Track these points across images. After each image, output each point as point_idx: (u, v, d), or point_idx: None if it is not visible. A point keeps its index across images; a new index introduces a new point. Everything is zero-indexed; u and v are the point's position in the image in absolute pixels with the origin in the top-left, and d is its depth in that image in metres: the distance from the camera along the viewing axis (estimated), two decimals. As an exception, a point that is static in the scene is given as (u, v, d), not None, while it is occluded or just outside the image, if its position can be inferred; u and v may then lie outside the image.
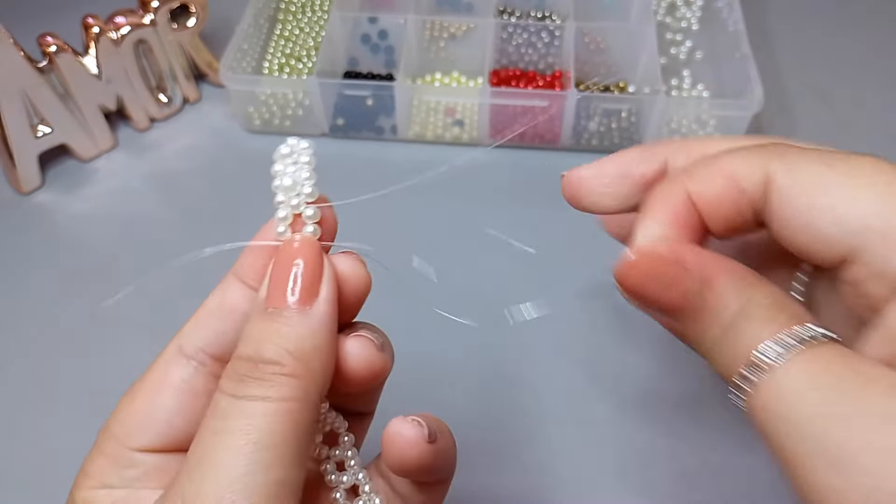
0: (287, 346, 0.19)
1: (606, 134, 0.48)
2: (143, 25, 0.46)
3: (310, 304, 0.20)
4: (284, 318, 0.20)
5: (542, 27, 0.51)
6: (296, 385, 0.19)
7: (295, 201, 0.22)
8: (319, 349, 0.20)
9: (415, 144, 0.50)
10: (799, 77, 0.53)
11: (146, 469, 0.21)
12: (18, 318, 0.41)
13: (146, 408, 0.22)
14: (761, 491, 0.35)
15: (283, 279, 0.20)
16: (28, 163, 0.46)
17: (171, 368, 0.22)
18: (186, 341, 0.22)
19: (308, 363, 0.20)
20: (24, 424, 0.37)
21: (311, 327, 0.20)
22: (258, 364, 0.19)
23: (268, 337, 0.20)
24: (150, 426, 0.21)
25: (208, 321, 0.22)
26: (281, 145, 0.22)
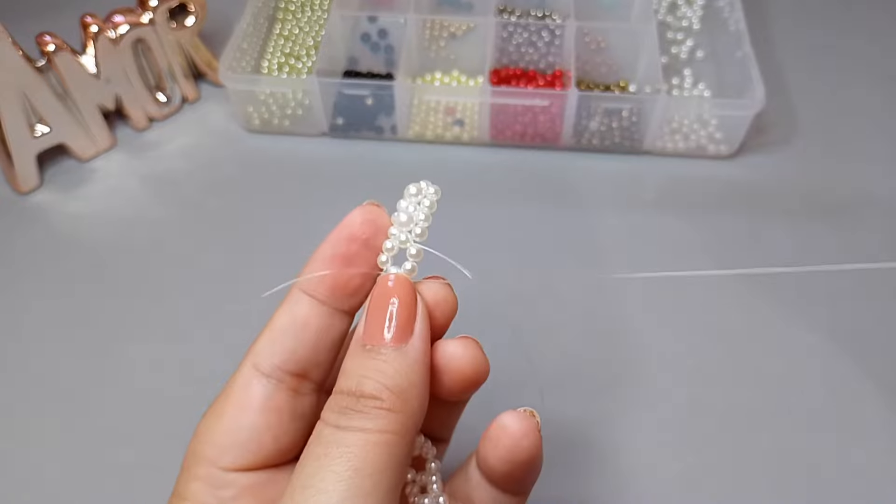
0: (385, 382, 0.20)
1: (607, 133, 0.48)
2: (141, 24, 0.46)
3: (405, 342, 0.21)
4: (382, 356, 0.21)
5: (543, 26, 0.51)
6: (394, 419, 0.20)
7: (404, 237, 0.23)
8: (415, 384, 0.21)
9: (415, 144, 0.49)
10: (800, 76, 0.53)
11: (240, 489, 0.22)
12: (17, 317, 0.41)
13: (233, 427, 0.22)
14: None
15: (379, 317, 0.21)
16: (26, 162, 0.46)
17: (252, 387, 0.23)
18: (262, 359, 0.23)
19: (405, 398, 0.21)
20: (25, 424, 0.37)
21: (408, 364, 0.21)
22: (359, 398, 0.20)
23: (367, 373, 0.21)
24: (240, 445, 0.22)
25: (282, 339, 0.23)
26: (412, 185, 0.24)
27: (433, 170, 0.48)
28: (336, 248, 0.23)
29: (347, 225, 0.23)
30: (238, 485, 0.22)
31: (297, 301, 0.23)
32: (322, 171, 0.48)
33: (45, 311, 0.41)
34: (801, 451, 0.36)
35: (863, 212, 0.45)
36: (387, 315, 0.21)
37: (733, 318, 0.41)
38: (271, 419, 0.22)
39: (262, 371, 0.23)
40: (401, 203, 0.23)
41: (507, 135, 0.48)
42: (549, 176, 0.48)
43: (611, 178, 0.47)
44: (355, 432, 0.20)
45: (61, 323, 0.41)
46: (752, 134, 0.48)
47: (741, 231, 0.45)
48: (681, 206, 0.46)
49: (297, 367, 0.23)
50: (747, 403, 0.38)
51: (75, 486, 0.35)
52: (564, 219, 0.45)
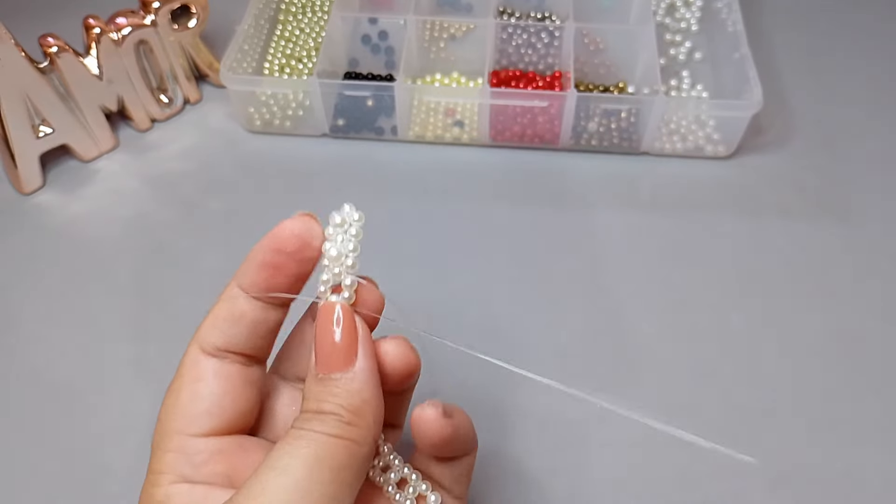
0: (341, 403, 0.23)
1: (606, 134, 0.48)
2: (144, 26, 0.47)
3: (351, 365, 0.23)
4: (333, 381, 0.23)
5: (542, 28, 0.51)
6: (353, 430, 0.23)
7: (336, 270, 0.24)
8: (368, 401, 0.23)
9: (415, 145, 0.50)
10: (798, 77, 0.53)
11: (210, 453, 0.24)
12: (19, 317, 0.41)
13: (194, 398, 0.24)
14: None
15: (325, 347, 0.24)
16: (29, 163, 0.46)
17: (200, 363, 0.25)
18: (205, 343, 0.25)
19: (361, 414, 0.23)
20: (25, 424, 0.38)
21: (357, 385, 0.23)
22: (320, 414, 0.23)
23: (324, 398, 0.23)
24: (204, 412, 0.24)
25: (222, 326, 0.25)
26: (335, 212, 0.25)
27: (433, 170, 0.48)
28: (264, 256, 0.24)
29: (276, 236, 0.25)
30: (208, 449, 0.24)
31: (235, 296, 0.25)
32: (323, 171, 0.48)
33: (47, 310, 0.42)
34: (802, 451, 0.36)
35: (860, 212, 0.46)
36: (332, 345, 0.24)
37: (733, 319, 0.41)
38: (225, 385, 0.25)
39: (207, 352, 0.25)
40: (327, 230, 0.25)
41: (507, 136, 0.49)
42: (548, 176, 0.48)
43: (609, 179, 0.48)
44: (319, 434, 0.22)
45: (62, 322, 0.41)
46: (749, 135, 0.48)
47: (739, 231, 0.45)
48: (679, 207, 0.46)
49: (238, 349, 0.25)
50: (746, 403, 0.38)
51: (74, 486, 0.36)
52: (563, 219, 0.46)
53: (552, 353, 0.40)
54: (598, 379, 0.39)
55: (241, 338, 0.25)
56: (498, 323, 0.41)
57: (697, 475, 0.35)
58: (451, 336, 0.25)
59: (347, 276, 0.24)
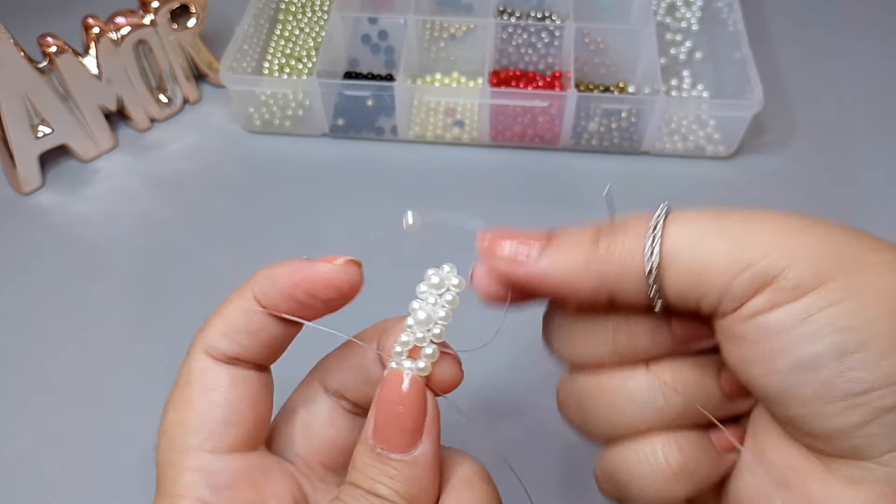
0: (397, 489, 0.21)
1: (606, 134, 0.48)
2: (143, 26, 0.46)
3: (415, 447, 0.21)
4: (392, 462, 0.21)
5: (542, 27, 0.51)
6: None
7: (420, 335, 0.22)
8: (425, 489, 0.21)
9: (415, 145, 0.50)
10: (799, 77, 0.53)
11: (234, 476, 0.22)
12: (19, 317, 0.41)
13: (209, 407, 0.22)
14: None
15: (390, 420, 0.21)
16: (28, 163, 0.46)
17: (210, 370, 0.22)
18: (214, 350, 0.23)
19: (413, 500, 0.21)
20: (25, 424, 0.37)
21: (418, 471, 0.21)
22: (373, 497, 0.21)
23: (378, 477, 0.21)
24: (222, 421, 0.22)
25: (234, 335, 0.23)
26: (434, 270, 0.23)
27: (433, 170, 0.48)
28: (293, 291, 0.22)
29: (311, 279, 0.22)
30: (231, 470, 0.22)
31: (251, 309, 0.23)
32: (323, 171, 0.48)
33: (46, 309, 0.42)
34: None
35: (861, 211, 0.46)
36: (397, 420, 0.21)
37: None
38: (242, 390, 0.22)
39: (216, 358, 0.23)
40: (420, 288, 0.23)
41: (507, 135, 0.49)
42: (549, 176, 0.48)
43: (610, 179, 0.48)
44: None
45: (62, 322, 0.41)
46: (750, 134, 0.48)
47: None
48: (679, 207, 0.46)
49: (249, 359, 0.23)
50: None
51: (76, 486, 0.35)
52: (563, 219, 0.45)
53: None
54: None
55: (254, 350, 0.23)
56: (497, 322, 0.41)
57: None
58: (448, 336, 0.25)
59: (430, 345, 0.22)
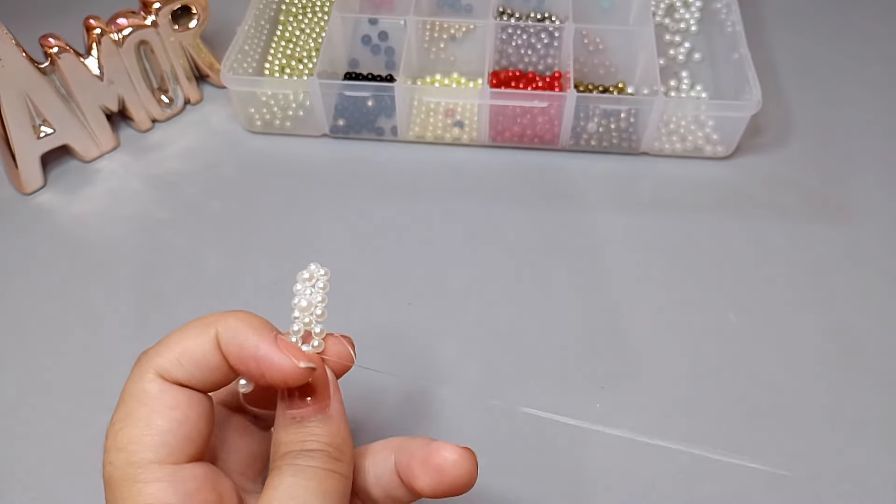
0: (325, 440, 0.24)
1: (605, 134, 0.48)
2: (144, 26, 0.47)
3: (327, 408, 0.25)
4: (313, 423, 0.24)
5: (542, 28, 0.51)
6: (341, 465, 0.24)
7: (307, 319, 0.26)
8: (346, 439, 0.25)
9: (415, 145, 0.50)
10: (797, 78, 0.53)
11: (201, 480, 0.24)
12: (20, 317, 0.42)
13: (171, 425, 0.23)
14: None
15: (300, 394, 0.25)
16: (30, 163, 0.46)
17: (168, 391, 0.24)
18: (166, 374, 0.24)
19: (342, 449, 0.25)
20: (25, 424, 0.38)
21: (335, 424, 0.25)
22: (306, 451, 0.24)
23: (305, 438, 0.24)
24: (185, 438, 0.24)
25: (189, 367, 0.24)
26: (303, 270, 0.26)
27: (433, 170, 0.48)
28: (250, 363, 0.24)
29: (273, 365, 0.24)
30: (198, 476, 0.24)
31: (207, 342, 0.24)
32: (323, 171, 0.49)
33: (47, 310, 0.42)
34: (799, 450, 0.37)
35: (858, 212, 0.46)
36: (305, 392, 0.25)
37: (731, 318, 0.41)
38: (199, 410, 0.24)
39: (168, 380, 0.24)
40: (296, 287, 0.26)
41: (507, 136, 0.49)
42: (548, 176, 0.48)
43: (608, 179, 0.48)
44: (317, 468, 0.24)
45: (63, 322, 0.41)
46: (748, 135, 0.48)
47: (738, 231, 0.45)
48: (678, 207, 0.46)
49: (198, 388, 0.25)
50: (744, 402, 0.38)
51: (75, 486, 0.36)
52: (563, 219, 0.46)
53: (551, 353, 0.40)
54: (597, 378, 0.39)
55: (204, 383, 0.24)
56: (497, 322, 0.41)
57: (697, 474, 0.36)
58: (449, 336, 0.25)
59: (317, 324, 0.26)
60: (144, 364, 0.24)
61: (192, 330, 0.25)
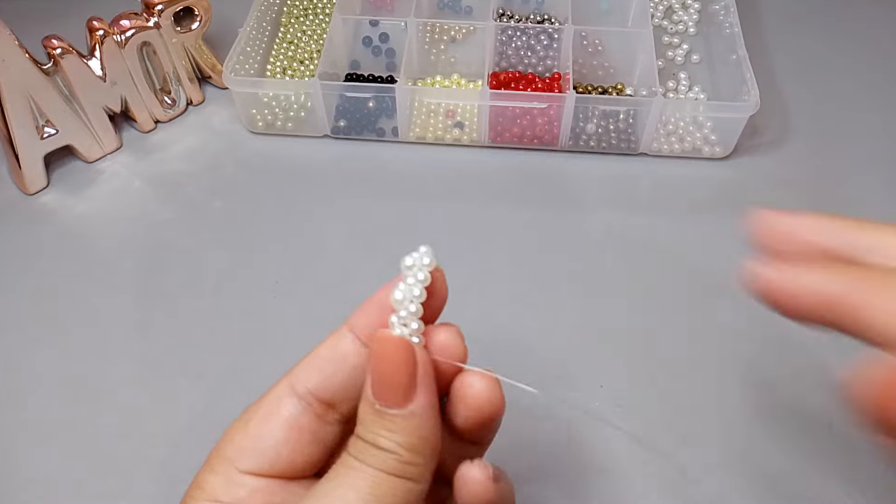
0: (398, 441, 0.22)
1: (604, 135, 0.49)
2: (147, 28, 0.47)
3: (411, 402, 0.22)
4: (390, 416, 0.22)
5: (541, 30, 0.52)
6: (410, 469, 0.22)
7: (403, 313, 0.24)
8: (425, 438, 0.23)
9: (416, 146, 0.50)
10: (795, 79, 0.54)
11: (252, 490, 0.23)
12: (22, 317, 0.42)
13: (257, 435, 0.24)
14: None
15: (383, 378, 0.23)
16: (33, 164, 0.46)
17: (282, 403, 0.24)
18: (298, 381, 0.24)
19: (417, 451, 0.22)
20: (26, 424, 0.38)
21: (416, 423, 0.22)
22: (376, 447, 0.22)
23: (379, 431, 0.22)
24: (260, 452, 0.24)
25: (320, 365, 0.24)
26: (407, 256, 0.24)
27: (433, 171, 0.49)
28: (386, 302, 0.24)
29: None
30: (251, 486, 0.23)
31: (342, 336, 0.24)
32: (324, 172, 0.49)
33: (51, 309, 0.42)
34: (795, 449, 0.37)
35: (857, 213, 0.46)
36: (390, 377, 0.22)
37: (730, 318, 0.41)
38: (293, 436, 0.24)
39: (297, 392, 0.24)
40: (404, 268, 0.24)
41: (506, 137, 0.49)
42: (547, 177, 0.48)
43: (607, 180, 0.48)
44: (377, 470, 0.22)
45: (66, 322, 0.41)
46: (746, 136, 0.49)
47: (735, 232, 0.45)
48: (676, 208, 0.47)
49: (328, 394, 0.24)
50: (742, 402, 0.38)
51: (75, 484, 0.36)
52: (562, 220, 0.46)
53: (550, 352, 0.40)
54: (597, 377, 0.39)
55: (336, 382, 0.24)
56: (497, 322, 0.41)
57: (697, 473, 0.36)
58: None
59: (414, 320, 0.24)
60: (291, 370, 0.25)
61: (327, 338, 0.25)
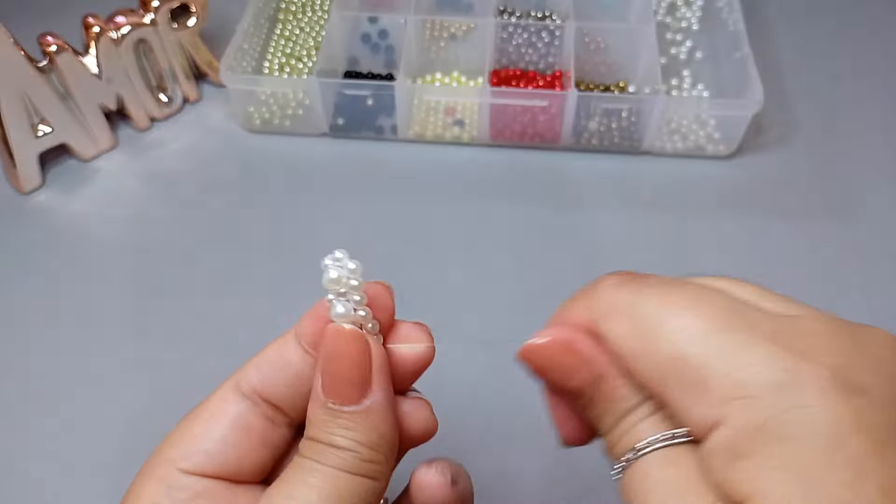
0: (357, 438, 0.21)
1: (606, 134, 0.48)
2: (143, 25, 0.46)
3: (365, 398, 0.21)
4: (346, 415, 0.21)
5: (543, 27, 0.51)
6: (370, 468, 0.21)
7: (344, 289, 0.22)
8: (385, 435, 0.22)
9: (415, 144, 0.50)
10: (799, 77, 0.53)
11: (195, 492, 0.22)
12: (18, 317, 0.41)
13: (203, 434, 0.23)
14: None
15: (335, 374, 0.21)
16: (28, 162, 0.46)
17: (228, 402, 0.23)
18: (244, 380, 0.23)
19: (378, 449, 0.21)
20: (25, 424, 0.38)
21: (372, 420, 0.21)
22: (332, 447, 0.21)
23: (334, 430, 0.21)
24: (204, 452, 0.22)
25: (265, 368, 0.23)
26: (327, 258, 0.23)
27: (433, 170, 0.48)
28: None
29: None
30: (194, 488, 0.22)
31: (287, 342, 0.23)
32: (322, 170, 0.48)
33: (46, 309, 0.42)
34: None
35: (861, 212, 0.46)
36: (342, 373, 0.21)
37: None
38: (241, 437, 0.23)
39: (242, 390, 0.23)
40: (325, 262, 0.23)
41: (507, 135, 0.49)
42: (549, 176, 0.48)
43: (610, 178, 0.48)
44: (336, 469, 0.21)
45: (62, 321, 0.41)
46: (750, 134, 0.48)
47: (740, 230, 0.45)
48: (679, 206, 0.46)
49: (274, 398, 0.23)
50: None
51: (72, 485, 0.36)
52: (563, 218, 0.46)
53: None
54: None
55: (281, 387, 0.23)
56: (497, 321, 0.41)
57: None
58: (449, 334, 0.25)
59: (356, 290, 0.22)
60: (237, 370, 0.24)
61: (275, 340, 0.24)
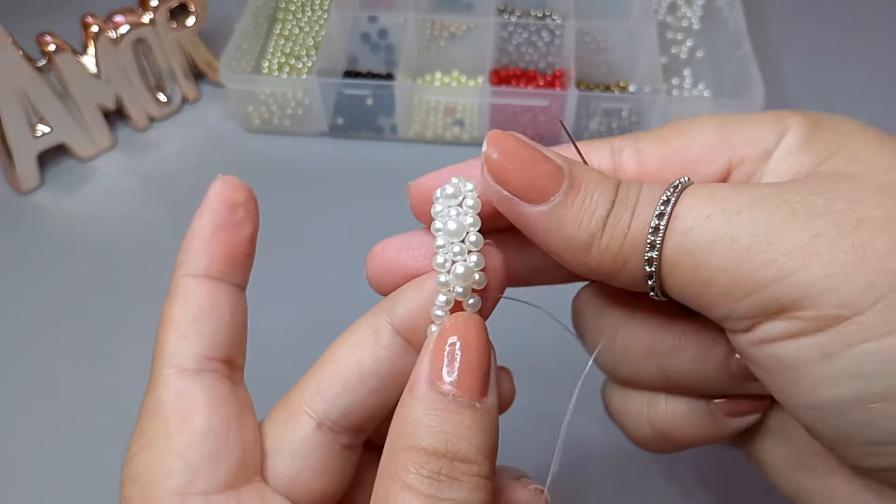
0: (478, 444, 0.18)
1: (607, 133, 0.48)
2: (142, 24, 0.46)
3: (486, 396, 0.18)
4: (466, 412, 0.18)
5: (543, 26, 0.51)
6: (487, 487, 0.18)
7: (457, 248, 0.19)
8: (496, 445, 0.18)
9: (415, 144, 0.50)
10: (800, 75, 0.53)
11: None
12: (17, 317, 0.41)
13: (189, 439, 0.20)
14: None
15: (461, 364, 0.18)
16: (27, 162, 0.46)
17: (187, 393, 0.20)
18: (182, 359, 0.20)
19: (493, 460, 0.18)
20: (24, 424, 0.37)
21: (491, 423, 0.18)
22: (453, 461, 0.17)
23: (453, 431, 0.18)
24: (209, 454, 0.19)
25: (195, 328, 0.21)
26: (446, 185, 0.20)
27: (433, 170, 0.48)
28: (217, 219, 0.21)
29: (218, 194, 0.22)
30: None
31: (194, 289, 0.21)
32: (322, 170, 0.48)
33: (45, 309, 0.42)
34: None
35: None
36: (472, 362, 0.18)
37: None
38: (225, 413, 0.20)
39: (190, 369, 0.20)
40: (435, 208, 0.20)
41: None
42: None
43: (610, 178, 0.47)
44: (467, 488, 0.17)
45: (60, 322, 0.41)
46: (751, 134, 0.48)
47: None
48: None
49: (223, 352, 0.20)
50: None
51: (70, 486, 0.35)
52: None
53: (551, 352, 0.39)
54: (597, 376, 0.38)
55: (223, 333, 0.20)
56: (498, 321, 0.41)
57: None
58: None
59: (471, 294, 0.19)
60: (157, 368, 0.20)
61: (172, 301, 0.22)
